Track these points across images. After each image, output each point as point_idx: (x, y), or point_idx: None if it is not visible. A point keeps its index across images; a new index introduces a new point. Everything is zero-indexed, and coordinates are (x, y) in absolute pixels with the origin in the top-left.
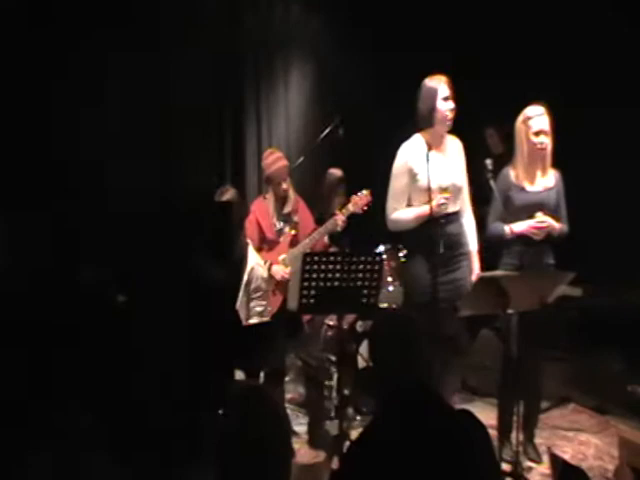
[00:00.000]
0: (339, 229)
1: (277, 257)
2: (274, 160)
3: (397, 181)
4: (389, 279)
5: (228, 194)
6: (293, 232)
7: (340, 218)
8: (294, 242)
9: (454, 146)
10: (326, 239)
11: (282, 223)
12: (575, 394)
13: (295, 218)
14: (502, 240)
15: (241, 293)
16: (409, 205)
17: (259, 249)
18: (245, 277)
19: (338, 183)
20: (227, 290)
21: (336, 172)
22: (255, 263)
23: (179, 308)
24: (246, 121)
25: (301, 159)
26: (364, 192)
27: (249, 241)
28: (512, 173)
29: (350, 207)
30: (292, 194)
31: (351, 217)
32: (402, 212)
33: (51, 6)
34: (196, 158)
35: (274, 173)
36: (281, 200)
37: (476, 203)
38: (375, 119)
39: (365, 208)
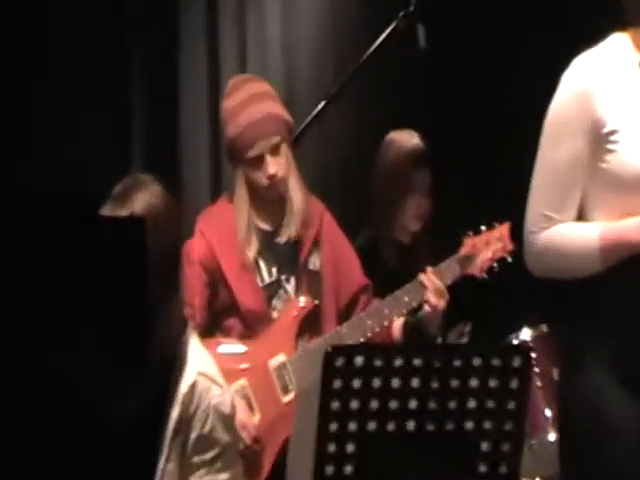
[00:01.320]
0: (434, 302)
1: (261, 367)
2: (247, 102)
3: (557, 150)
4: (547, 412)
5: (141, 196)
6: (304, 301)
7: (431, 279)
8: (311, 325)
9: None
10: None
11: (275, 269)
12: None
13: (313, 260)
14: None
15: (166, 449)
16: (584, 216)
17: (208, 333)
18: (175, 412)
19: (416, 168)
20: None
21: (408, 140)
22: (200, 373)
23: None
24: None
25: (320, 106)
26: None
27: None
28: None
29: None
30: (298, 194)
31: None
32: (567, 230)
33: None
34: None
35: (249, 135)
36: (271, 208)
37: None
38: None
39: (506, 254)
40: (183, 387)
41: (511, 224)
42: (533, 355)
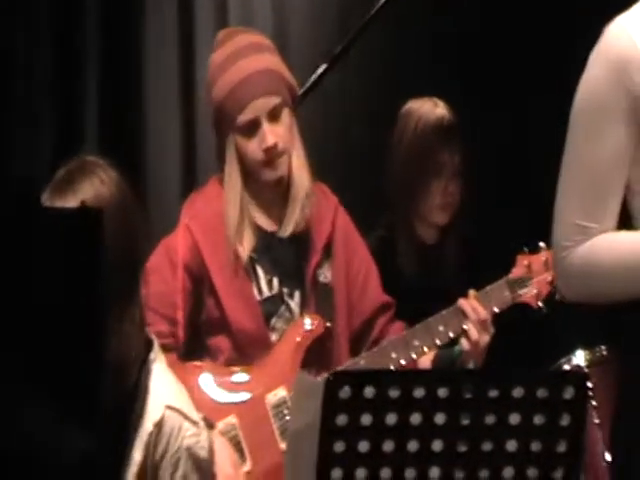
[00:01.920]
0: (475, 337)
1: (257, 402)
2: (238, 54)
3: (591, 143)
4: (607, 456)
5: (87, 185)
6: (312, 324)
7: (474, 305)
8: (319, 351)
9: None
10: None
11: (277, 280)
12: None
13: (323, 271)
14: None
15: None
16: (628, 223)
17: (188, 355)
18: (138, 454)
19: (441, 144)
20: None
21: (431, 110)
22: (169, 407)
23: None
24: None
25: (320, 71)
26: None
27: (153, 334)
28: None
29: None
30: (304, 175)
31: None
32: (612, 242)
33: None
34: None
35: (241, 94)
36: (272, 199)
37: None
38: None
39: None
40: (148, 425)
41: None
42: (590, 384)
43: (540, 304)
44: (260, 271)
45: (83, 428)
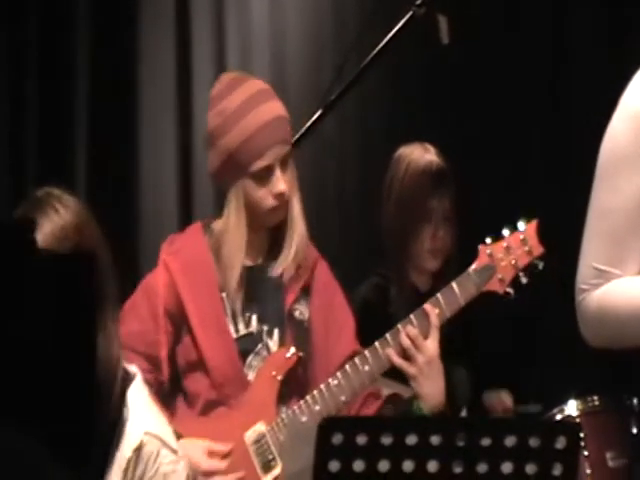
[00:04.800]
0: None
1: (236, 442)
2: (254, 101)
3: (612, 189)
4: None
5: (44, 221)
6: (291, 353)
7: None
8: (298, 388)
9: None
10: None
11: (255, 317)
12: None
13: (300, 308)
14: None
15: None
16: None
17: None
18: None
19: (430, 189)
20: None
21: (421, 156)
22: (148, 434)
23: None
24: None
25: (316, 116)
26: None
27: (134, 368)
28: None
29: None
30: (302, 221)
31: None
32: (628, 286)
33: None
34: None
35: (260, 141)
36: (257, 237)
37: None
38: None
39: (536, 260)
40: (126, 451)
41: (539, 222)
42: (582, 434)
43: (508, 289)
44: (238, 309)
45: (75, 467)
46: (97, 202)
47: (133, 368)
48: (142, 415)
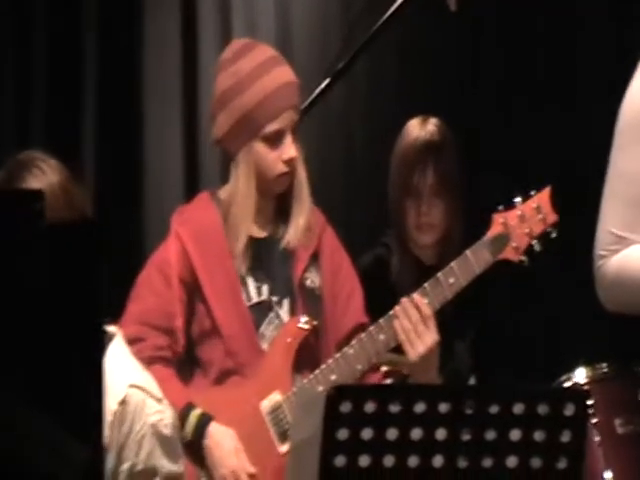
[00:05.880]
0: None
1: (252, 411)
2: (268, 64)
3: (629, 155)
4: (606, 474)
5: (32, 180)
6: (304, 322)
7: (406, 308)
8: (311, 356)
9: None
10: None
11: (266, 288)
12: None
13: (311, 277)
14: None
15: None
16: None
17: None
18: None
19: (415, 163)
20: None
21: (415, 129)
22: (133, 386)
23: None
24: None
25: (323, 85)
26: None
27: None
28: None
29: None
30: (307, 190)
31: None
32: None
33: None
34: None
35: (275, 102)
36: (265, 208)
37: None
38: None
39: (550, 228)
40: (111, 404)
41: (553, 189)
42: (590, 402)
43: (522, 257)
44: (249, 278)
45: (81, 440)
46: (104, 176)
47: (112, 328)
48: (124, 368)
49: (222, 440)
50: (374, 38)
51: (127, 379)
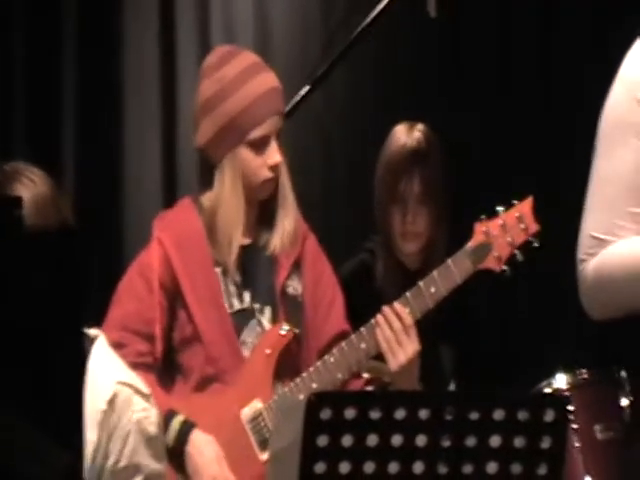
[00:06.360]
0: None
1: (232, 419)
2: (251, 70)
3: (609, 158)
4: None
5: (21, 189)
6: (285, 330)
7: (387, 315)
8: (291, 365)
9: None
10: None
11: (248, 295)
12: None
13: (293, 284)
14: None
15: None
16: None
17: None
18: (93, 435)
19: (402, 171)
20: None
21: (402, 135)
22: (120, 383)
23: None
24: None
25: (303, 91)
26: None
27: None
28: None
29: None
30: (292, 196)
31: None
32: (623, 247)
33: None
34: None
35: (259, 109)
36: (249, 214)
37: None
38: None
39: (531, 237)
40: (100, 404)
41: (534, 199)
42: (570, 408)
43: (503, 267)
44: (231, 285)
45: (62, 445)
46: (83, 179)
47: (93, 331)
48: (110, 368)
49: (204, 448)
50: (354, 44)
51: (114, 377)
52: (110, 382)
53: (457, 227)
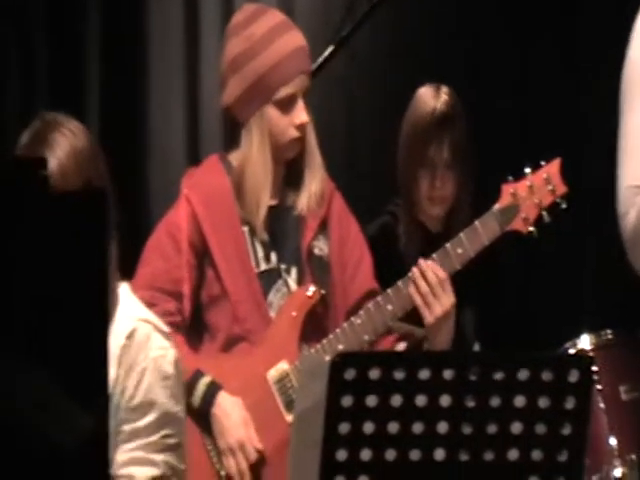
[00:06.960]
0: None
1: (259, 381)
2: (280, 29)
3: (637, 108)
4: (611, 440)
5: (61, 139)
6: (312, 291)
7: (423, 270)
8: (318, 326)
9: None
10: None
11: (275, 255)
12: None
13: (319, 245)
14: None
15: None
16: None
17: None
18: (112, 371)
19: (431, 136)
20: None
21: (428, 99)
22: (141, 319)
23: None
24: None
25: (327, 52)
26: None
27: (159, 314)
28: None
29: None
30: (319, 155)
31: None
32: None
33: None
34: None
35: (288, 67)
36: (276, 174)
37: None
38: None
39: (559, 199)
40: (120, 339)
41: (563, 160)
42: (595, 368)
43: (531, 229)
44: (258, 245)
45: (86, 408)
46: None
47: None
48: (132, 306)
49: (230, 410)
50: (377, 5)
51: (135, 314)
52: (131, 318)
53: (483, 188)
